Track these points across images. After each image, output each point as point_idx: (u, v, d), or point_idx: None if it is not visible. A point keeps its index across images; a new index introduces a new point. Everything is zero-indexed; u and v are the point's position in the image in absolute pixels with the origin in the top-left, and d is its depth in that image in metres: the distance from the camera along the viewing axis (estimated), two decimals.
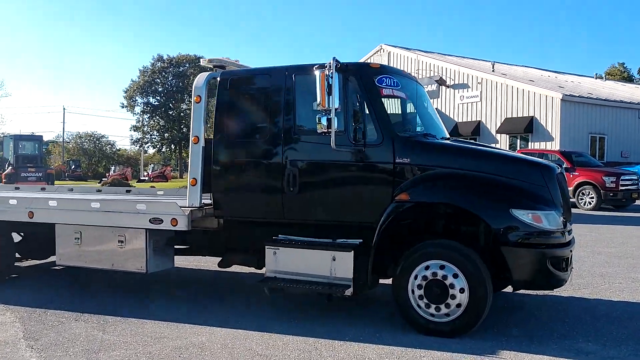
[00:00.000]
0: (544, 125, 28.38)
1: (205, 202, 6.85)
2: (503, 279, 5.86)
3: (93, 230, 7.03)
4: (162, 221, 6.60)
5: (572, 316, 6.44)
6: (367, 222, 5.93)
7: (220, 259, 7.24)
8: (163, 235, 6.93)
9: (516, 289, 5.78)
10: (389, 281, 6.03)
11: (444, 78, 32.98)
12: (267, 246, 6.29)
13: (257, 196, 6.57)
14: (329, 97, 5.67)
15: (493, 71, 33.10)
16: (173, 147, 73.32)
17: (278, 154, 6.35)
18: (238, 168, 6.64)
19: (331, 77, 5.68)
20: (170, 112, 70.53)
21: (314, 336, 5.67)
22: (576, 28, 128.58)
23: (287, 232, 6.41)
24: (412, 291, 5.66)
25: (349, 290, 5.84)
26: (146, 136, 72.38)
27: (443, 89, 33.19)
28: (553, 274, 5.47)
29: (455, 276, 5.49)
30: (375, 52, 37.44)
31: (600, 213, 19.19)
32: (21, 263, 9.31)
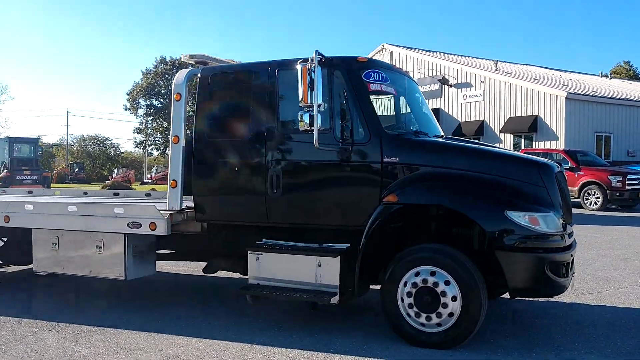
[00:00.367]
0: (549, 124, 27.91)
1: (188, 205, 6.53)
2: (500, 286, 5.49)
3: (70, 235, 6.70)
4: (141, 225, 6.27)
5: (574, 325, 6.06)
6: (355, 226, 5.58)
7: (205, 264, 6.95)
8: (144, 240, 6.59)
9: (513, 297, 5.40)
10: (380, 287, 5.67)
11: (447, 77, 32.55)
12: (250, 251, 5.96)
13: (240, 198, 6.23)
14: (312, 93, 5.32)
15: (496, 70, 32.65)
16: None
17: (261, 154, 6.00)
18: (219, 169, 6.29)
19: (313, 72, 5.33)
20: None
21: (298, 347, 5.32)
22: (581, 26, 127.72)
23: (272, 237, 6.08)
24: (402, 299, 5.31)
25: (335, 297, 5.49)
26: (149, 138, 72.17)
27: (446, 89, 32.76)
28: (552, 281, 5.10)
29: (447, 283, 5.13)
30: (377, 52, 37.04)
31: (606, 213, 18.76)
32: (4, 269, 9.03)
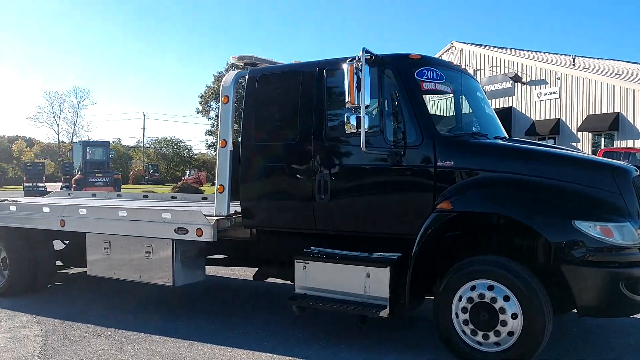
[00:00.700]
0: (632, 121, 26.12)
1: (237, 210, 6.35)
2: (569, 302, 4.94)
3: (121, 240, 6.69)
4: (188, 231, 6.15)
5: None
6: (407, 234, 5.21)
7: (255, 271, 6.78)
8: (193, 245, 6.47)
9: (582, 315, 4.83)
10: None
11: (520, 74, 31.19)
12: (297, 260, 5.71)
13: (287, 204, 5.98)
14: (359, 93, 4.99)
15: (574, 65, 30.98)
16: None
17: (308, 158, 5.73)
18: (266, 173, 6.08)
19: (361, 71, 5.00)
20: None
21: None
22: None
23: (320, 245, 5.80)
24: (456, 315, 4.89)
25: (385, 311, 5.14)
26: None
27: (519, 86, 31.38)
28: (628, 299, 4.51)
29: (506, 299, 4.66)
30: (446, 50, 36.04)
31: None
32: (67, 271, 9.23)
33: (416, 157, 5.23)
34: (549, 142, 26.37)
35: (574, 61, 31.94)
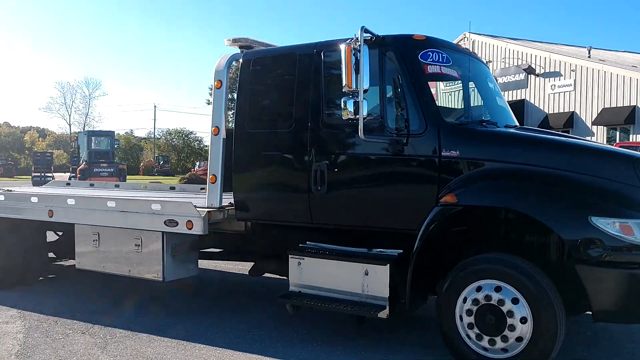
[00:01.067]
0: None
1: (231, 202, 6.01)
2: (583, 305, 4.54)
3: (110, 231, 6.37)
4: (177, 223, 5.82)
5: None
6: (408, 230, 4.83)
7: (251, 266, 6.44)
8: (184, 238, 6.14)
9: (598, 320, 4.41)
10: None
11: (533, 66, 30.54)
12: (291, 255, 5.36)
13: (282, 196, 5.62)
14: (357, 76, 4.60)
15: (589, 57, 30.25)
16: None
17: (304, 146, 5.36)
18: (260, 163, 5.72)
19: (359, 52, 4.61)
20: None
21: None
22: None
23: (317, 239, 5.45)
24: (460, 317, 4.51)
25: (384, 311, 4.78)
26: None
27: (532, 78, 30.74)
28: None
29: (514, 301, 4.28)
30: (459, 41, 35.40)
31: None
32: (62, 263, 8.95)
33: (419, 146, 4.83)
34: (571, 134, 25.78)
35: (589, 53, 31.20)
